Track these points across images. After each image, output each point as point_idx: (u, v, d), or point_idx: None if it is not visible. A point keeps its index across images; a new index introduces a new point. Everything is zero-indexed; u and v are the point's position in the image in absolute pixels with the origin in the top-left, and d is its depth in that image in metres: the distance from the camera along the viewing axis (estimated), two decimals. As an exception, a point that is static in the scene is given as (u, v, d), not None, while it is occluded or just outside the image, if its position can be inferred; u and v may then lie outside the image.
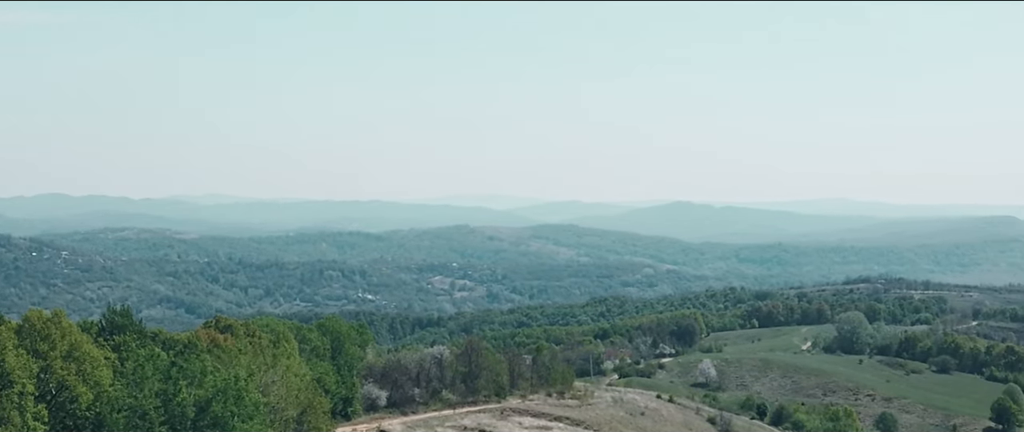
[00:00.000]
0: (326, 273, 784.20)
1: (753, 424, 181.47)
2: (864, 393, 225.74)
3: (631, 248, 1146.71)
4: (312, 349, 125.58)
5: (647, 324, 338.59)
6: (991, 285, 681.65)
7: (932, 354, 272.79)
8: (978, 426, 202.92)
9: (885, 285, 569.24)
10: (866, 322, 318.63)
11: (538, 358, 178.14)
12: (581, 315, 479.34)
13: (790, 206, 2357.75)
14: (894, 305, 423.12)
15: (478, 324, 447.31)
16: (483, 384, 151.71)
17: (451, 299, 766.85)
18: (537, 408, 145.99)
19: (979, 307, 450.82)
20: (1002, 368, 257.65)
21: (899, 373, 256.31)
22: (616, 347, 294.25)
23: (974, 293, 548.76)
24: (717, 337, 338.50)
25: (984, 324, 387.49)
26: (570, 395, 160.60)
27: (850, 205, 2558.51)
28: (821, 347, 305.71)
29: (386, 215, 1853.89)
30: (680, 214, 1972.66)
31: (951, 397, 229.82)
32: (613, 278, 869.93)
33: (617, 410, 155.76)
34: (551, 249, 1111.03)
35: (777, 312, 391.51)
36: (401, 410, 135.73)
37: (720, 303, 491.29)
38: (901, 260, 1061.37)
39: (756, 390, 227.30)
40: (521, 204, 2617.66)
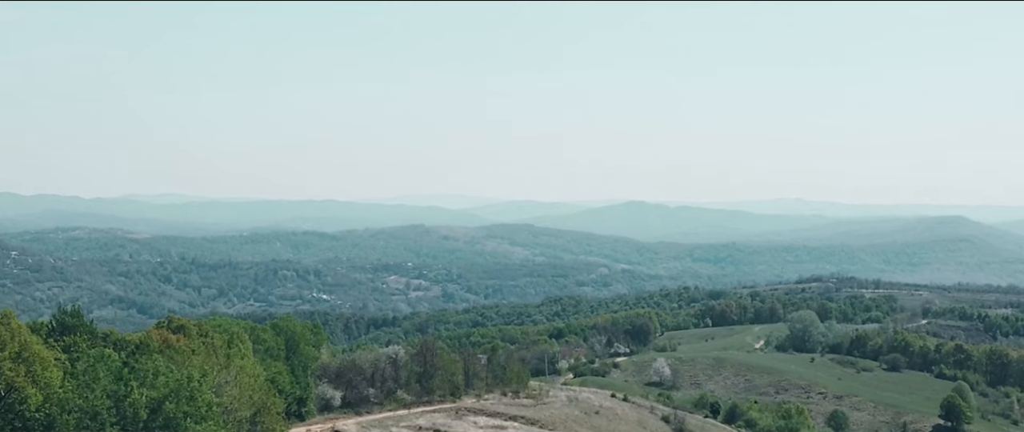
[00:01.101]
0: (280, 273, 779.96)
1: (707, 422, 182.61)
2: (816, 391, 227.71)
3: (586, 248, 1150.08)
4: (266, 349, 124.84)
5: (602, 323, 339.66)
6: (940, 284, 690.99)
7: (883, 352, 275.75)
8: (928, 423, 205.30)
9: (837, 284, 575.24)
10: (818, 321, 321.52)
11: (493, 358, 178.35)
12: (536, 315, 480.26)
13: (744, 206, 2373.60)
14: (845, 304, 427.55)
15: (433, 324, 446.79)
16: (438, 384, 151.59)
17: (406, 299, 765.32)
18: (492, 408, 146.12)
19: (929, 306, 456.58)
20: (951, 366, 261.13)
21: (850, 371, 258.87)
22: (571, 346, 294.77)
23: (924, 292, 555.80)
24: (671, 336, 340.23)
25: (933, 323, 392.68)
26: (525, 394, 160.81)
27: (803, 205, 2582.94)
28: (774, 346, 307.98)
29: (341, 215, 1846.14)
30: (635, 214, 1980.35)
31: (901, 395, 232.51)
32: (568, 278, 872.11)
33: (572, 409, 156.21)
34: (506, 249, 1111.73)
35: (731, 311, 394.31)
36: (356, 410, 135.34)
37: (674, 302, 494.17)
38: (852, 259, 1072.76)
39: (710, 389, 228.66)
40: (476, 204, 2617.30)
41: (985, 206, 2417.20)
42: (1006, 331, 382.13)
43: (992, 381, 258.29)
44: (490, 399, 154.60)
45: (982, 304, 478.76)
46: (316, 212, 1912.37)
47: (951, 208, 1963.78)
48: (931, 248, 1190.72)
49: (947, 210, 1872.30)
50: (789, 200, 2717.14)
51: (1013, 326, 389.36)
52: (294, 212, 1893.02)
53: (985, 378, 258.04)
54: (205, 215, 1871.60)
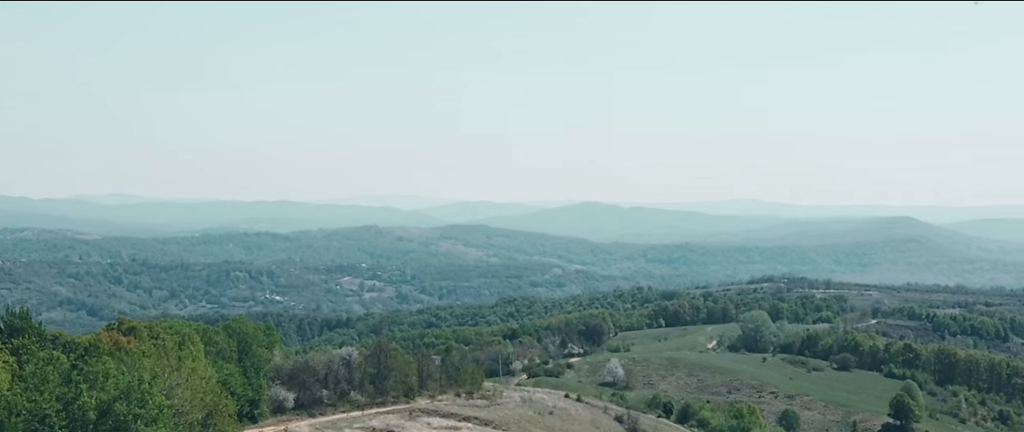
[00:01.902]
0: (233, 274, 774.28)
1: (659, 422, 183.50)
2: (767, 390, 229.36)
3: (540, 248, 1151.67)
4: (218, 351, 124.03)
5: (556, 324, 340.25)
6: (890, 284, 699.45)
7: (833, 352, 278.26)
8: (877, 422, 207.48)
9: (788, 284, 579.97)
10: (769, 321, 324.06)
11: (447, 359, 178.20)
12: (490, 315, 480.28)
13: (697, 207, 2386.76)
14: (797, 304, 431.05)
15: (387, 325, 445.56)
16: (392, 385, 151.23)
17: (360, 300, 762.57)
18: (446, 408, 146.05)
19: (878, 306, 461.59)
20: (900, 365, 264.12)
21: (801, 371, 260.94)
22: (525, 347, 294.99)
23: (873, 292, 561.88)
24: (625, 337, 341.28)
25: (883, 322, 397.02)
26: (479, 395, 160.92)
27: (756, 206, 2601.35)
28: (726, 346, 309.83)
29: (294, 215, 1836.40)
30: (589, 214, 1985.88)
31: (851, 394, 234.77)
32: (522, 278, 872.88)
33: (526, 410, 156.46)
34: (460, 249, 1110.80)
35: (683, 311, 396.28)
36: (309, 412, 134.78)
37: (628, 303, 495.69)
38: (804, 260, 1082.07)
39: (663, 388, 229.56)
40: (430, 204, 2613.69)
41: (933, 207, 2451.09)
42: (954, 330, 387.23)
43: (940, 380, 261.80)
44: (444, 400, 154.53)
45: (930, 304, 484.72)
46: (269, 213, 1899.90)
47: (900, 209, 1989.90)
48: (881, 249, 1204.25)
49: (896, 211, 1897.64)
50: (742, 201, 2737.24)
51: (961, 325, 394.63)
52: (247, 213, 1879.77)
53: (933, 377, 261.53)
54: (156, 216, 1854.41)
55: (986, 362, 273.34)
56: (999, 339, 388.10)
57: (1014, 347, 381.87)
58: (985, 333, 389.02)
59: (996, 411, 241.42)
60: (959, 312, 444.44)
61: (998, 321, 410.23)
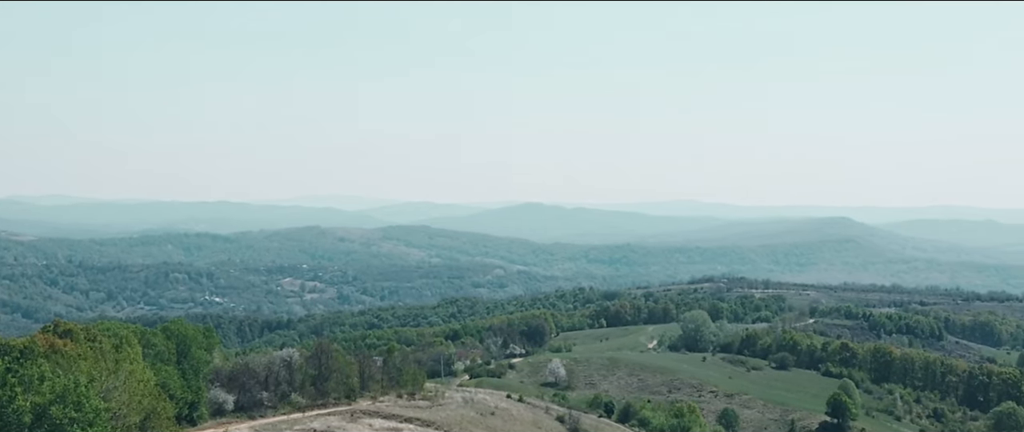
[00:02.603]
0: (172, 275, 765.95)
1: (601, 422, 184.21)
2: (707, 390, 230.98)
3: (482, 249, 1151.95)
4: (156, 353, 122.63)
5: (498, 325, 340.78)
6: (827, 284, 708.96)
7: (772, 351, 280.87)
8: (815, 420, 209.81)
9: (728, 284, 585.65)
10: (710, 321, 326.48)
11: (389, 360, 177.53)
12: (432, 316, 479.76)
13: (639, 207, 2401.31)
14: (736, 304, 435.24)
15: (328, 326, 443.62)
16: (333, 386, 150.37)
17: (301, 301, 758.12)
18: (387, 410, 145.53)
19: (816, 305, 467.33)
20: (837, 364, 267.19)
21: (741, 370, 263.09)
22: (467, 348, 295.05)
23: (811, 292, 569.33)
24: (566, 337, 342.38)
25: (820, 321, 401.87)
26: (421, 396, 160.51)
27: (696, 206, 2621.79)
28: (667, 345, 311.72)
29: (234, 216, 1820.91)
30: (531, 215, 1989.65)
31: (789, 392, 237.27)
32: (464, 279, 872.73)
33: (467, 410, 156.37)
34: (402, 250, 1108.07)
35: (625, 312, 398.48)
36: (249, 414, 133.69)
37: (569, 303, 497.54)
38: (743, 260, 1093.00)
39: (604, 388, 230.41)
40: (372, 205, 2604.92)
41: (869, 207, 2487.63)
42: (889, 329, 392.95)
43: (876, 378, 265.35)
44: (386, 401, 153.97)
45: (867, 303, 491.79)
46: (209, 213, 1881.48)
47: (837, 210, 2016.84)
48: (818, 249, 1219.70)
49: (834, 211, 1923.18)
50: (682, 202, 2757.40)
51: (896, 325, 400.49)
52: (186, 213, 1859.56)
53: (870, 375, 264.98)
54: (94, 217, 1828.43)
55: (921, 360, 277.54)
56: (934, 338, 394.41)
57: (948, 346, 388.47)
58: (920, 332, 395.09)
59: (931, 409, 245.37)
60: (895, 311, 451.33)
61: (933, 320, 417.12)
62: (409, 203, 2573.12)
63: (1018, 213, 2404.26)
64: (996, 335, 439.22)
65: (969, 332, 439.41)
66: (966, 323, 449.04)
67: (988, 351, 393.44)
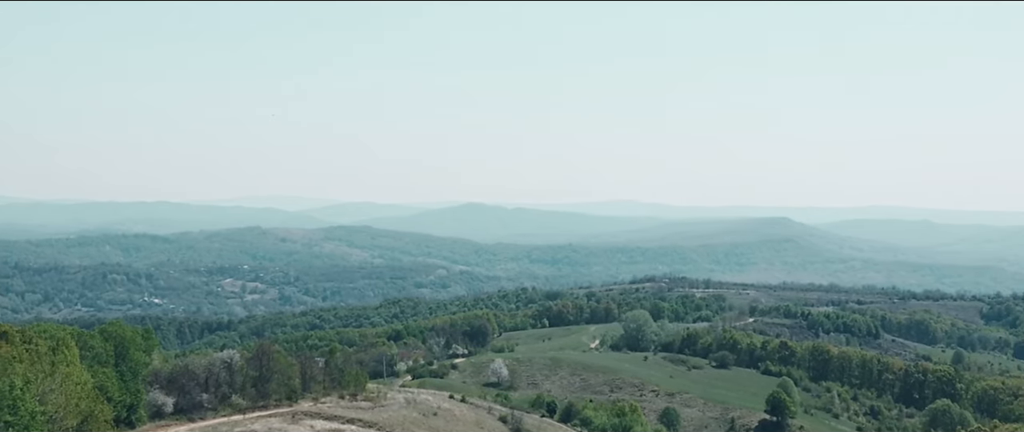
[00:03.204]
0: (110, 277, 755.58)
1: (543, 422, 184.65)
2: (649, 389, 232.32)
3: (425, 249, 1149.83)
4: (94, 356, 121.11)
5: (440, 325, 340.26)
6: (767, 283, 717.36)
7: (712, 350, 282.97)
8: (754, 418, 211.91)
9: (669, 284, 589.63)
10: (651, 320, 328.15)
11: (331, 360, 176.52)
12: (374, 317, 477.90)
13: (580, 207, 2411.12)
14: (677, 303, 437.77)
15: (270, 327, 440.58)
16: (274, 388, 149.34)
17: (242, 302, 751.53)
18: (329, 411, 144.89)
19: (755, 304, 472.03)
20: (776, 362, 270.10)
21: (681, 369, 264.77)
22: (409, 348, 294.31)
23: (751, 291, 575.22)
24: (509, 337, 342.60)
25: (760, 321, 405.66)
26: (363, 397, 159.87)
27: (637, 207, 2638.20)
28: (609, 345, 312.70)
29: (174, 216, 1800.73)
30: (473, 215, 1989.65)
31: (730, 391, 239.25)
32: (407, 279, 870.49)
33: (410, 411, 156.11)
34: (344, 251, 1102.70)
35: (567, 312, 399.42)
36: (189, 416, 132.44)
37: (512, 303, 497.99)
38: (684, 260, 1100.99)
39: (546, 388, 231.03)
40: (314, 205, 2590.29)
41: (808, 208, 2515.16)
42: (827, 328, 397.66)
43: (815, 376, 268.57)
44: (327, 402, 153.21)
45: (805, 302, 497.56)
46: (148, 214, 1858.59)
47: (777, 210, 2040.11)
48: (758, 248, 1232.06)
49: (773, 211, 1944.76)
50: (622, 202, 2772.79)
51: (834, 323, 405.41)
52: (125, 214, 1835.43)
53: (808, 374, 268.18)
54: (29, 217, 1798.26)
55: (858, 359, 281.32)
56: (870, 336, 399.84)
57: (884, 344, 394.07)
58: (857, 330, 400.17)
59: (868, 406, 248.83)
60: (832, 310, 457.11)
61: (869, 319, 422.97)
62: (351, 203, 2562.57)
63: (953, 214, 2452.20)
64: (931, 333, 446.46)
65: (905, 330, 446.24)
66: (902, 322, 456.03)
67: (923, 349, 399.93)
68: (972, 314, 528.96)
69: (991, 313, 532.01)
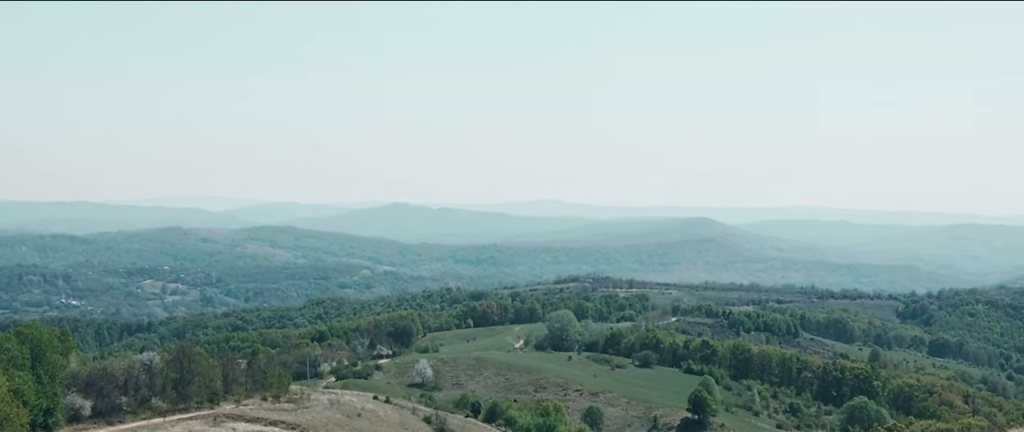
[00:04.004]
0: (25, 278, 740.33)
1: (468, 422, 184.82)
2: (573, 388, 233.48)
3: (349, 250, 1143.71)
4: (9, 359, 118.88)
5: (365, 326, 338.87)
6: (689, 283, 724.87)
7: (636, 349, 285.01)
8: (677, 417, 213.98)
9: (593, 284, 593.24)
10: (575, 320, 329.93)
11: (253, 362, 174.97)
12: (298, 318, 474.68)
13: (505, 208, 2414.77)
14: (601, 303, 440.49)
15: (191, 329, 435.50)
16: (196, 390, 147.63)
17: (162, 304, 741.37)
18: (252, 413, 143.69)
19: (678, 304, 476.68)
20: (698, 361, 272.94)
21: (605, 368, 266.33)
22: (333, 349, 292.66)
23: (674, 291, 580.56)
24: (434, 337, 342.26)
25: (682, 320, 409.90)
26: (286, 399, 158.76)
27: (563, 207, 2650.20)
28: (533, 345, 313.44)
29: (93, 217, 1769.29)
30: (398, 216, 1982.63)
31: (652, 390, 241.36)
32: (331, 280, 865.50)
33: (334, 412, 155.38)
34: (268, 251, 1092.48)
35: (492, 312, 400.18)
36: (107, 420, 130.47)
37: (437, 304, 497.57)
38: (608, 260, 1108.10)
39: (471, 388, 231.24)
40: (237, 206, 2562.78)
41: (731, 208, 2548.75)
42: (748, 327, 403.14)
43: (736, 375, 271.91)
44: (250, 405, 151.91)
45: (727, 302, 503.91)
46: (66, 214, 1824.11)
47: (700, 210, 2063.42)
48: (681, 249, 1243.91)
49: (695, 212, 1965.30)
50: (547, 202, 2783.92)
51: (754, 322, 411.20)
52: (42, 214, 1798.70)
53: (729, 372, 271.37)
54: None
55: (778, 357, 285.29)
56: (790, 335, 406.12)
57: (804, 342, 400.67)
58: (777, 329, 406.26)
59: (787, 404, 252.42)
60: (753, 309, 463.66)
61: (789, 318, 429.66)
62: (275, 204, 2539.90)
63: (870, 214, 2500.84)
64: (849, 332, 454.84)
65: (823, 329, 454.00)
66: (820, 320, 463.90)
67: (841, 347, 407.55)
68: (888, 313, 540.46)
69: (907, 312, 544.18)
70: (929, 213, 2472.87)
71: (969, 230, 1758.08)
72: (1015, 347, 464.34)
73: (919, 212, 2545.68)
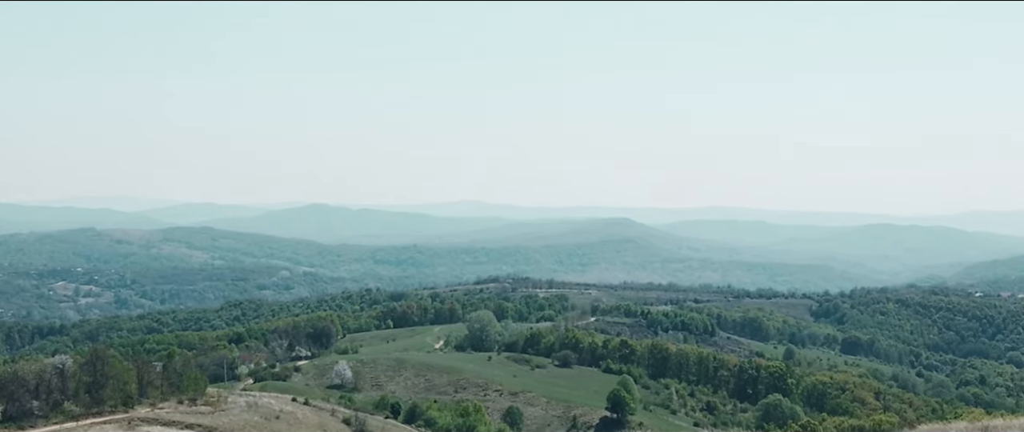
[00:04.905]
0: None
1: (387, 423, 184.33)
2: (493, 388, 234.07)
3: (268, 251, 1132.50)
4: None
5: (283, 327, 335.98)
6: (608, 283, 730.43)
7: (555, 349, 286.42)
8: (596, 416, 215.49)
9: (513, 284, 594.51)
10: (495, 320, 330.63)
11: (169, 365, 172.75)
12: (215, 320, 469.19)
13: (426, 209, 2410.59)
14: (521, 304, 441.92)
15: (105, 331, 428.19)
16: (110, 394, 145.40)
17: (75, 306, 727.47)
18: (167, 416, 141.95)
19: (597, 304, 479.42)
20: (617, 361, 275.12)
21: (525, 368, 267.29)
22: (252, 351, 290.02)
23: (593, 291, 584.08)
24: (353, 338, 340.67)
25: (601, 320, 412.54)
26: (203, 402, 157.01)
27: (482, 208, 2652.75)
28: (453, 345, 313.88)
29: (3, 217, 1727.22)
30: (318, 216, 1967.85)
31: (572, 389, 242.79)
32: (249, 281, 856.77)
33: (251, 415, 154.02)
34: (184, 252, 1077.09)
35: (412, 312, 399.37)
36: (18, 425, 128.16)
37: (356, 305, 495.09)
38: (528, 260, 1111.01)
39: (391, 389, 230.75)
40: (153, 206, 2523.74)
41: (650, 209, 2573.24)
42: (666, 326, 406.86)
43: (654, 374, 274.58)
44: (166, 408, 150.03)
45: (645, 302, 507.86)
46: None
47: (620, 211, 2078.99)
48: (600, 249, 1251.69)
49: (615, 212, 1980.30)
50: (469, 203, 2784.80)
51: (672, 322, 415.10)
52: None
53: (648, 371, 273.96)
54: None
55: (695, 356, 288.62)
56: (707, 334, 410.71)
57: (720, 341, 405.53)
58: (694, 328, 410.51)
59: (704, 402, 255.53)
60: (671, 309, 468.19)
61: (706, 317, 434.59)
62: (191, 204, 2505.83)
63: (785, 214, 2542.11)
64: (764, 330, 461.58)
65: (739, 328, 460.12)
66: (737, 319, 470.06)
67: (757, 346, 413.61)
68: (802, 312, 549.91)
69: (820, 311, 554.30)
70: (843, 214, 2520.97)
71: (882, 230, 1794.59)
72: (925, 344, 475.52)
73: (834, 213, 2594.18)
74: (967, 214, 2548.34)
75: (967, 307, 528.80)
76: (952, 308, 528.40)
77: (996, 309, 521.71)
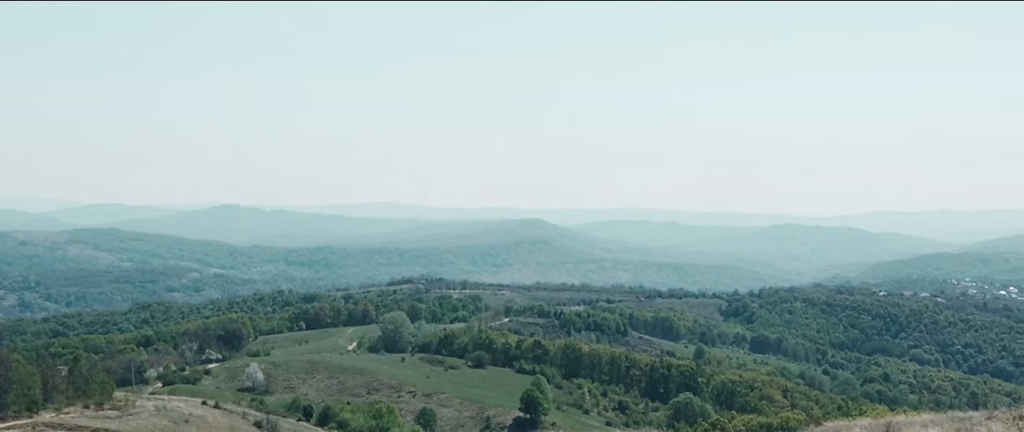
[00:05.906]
0: None
1: (300, 425, 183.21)
2: (406, 390, 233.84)
3: (177, 252, 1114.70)
4: None
5: (193, 330, 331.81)
6: (521, 283, 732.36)
7: (469, 350, 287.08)
8: (509, 416, 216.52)
9: (426, 285, 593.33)
10: (408, 322, 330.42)
11: (75, 369, 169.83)
12: (123, 322, 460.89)
13: (339, 209, 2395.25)
14: (434, 304, 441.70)
15: (8, 335, 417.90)
16: (13, 399, 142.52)
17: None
18: (73, 421, 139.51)
19: (511, 304, 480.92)
20: (530, 361, 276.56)
21: (438, 369, 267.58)
22: (160, 354, 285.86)
23: (506, 291, 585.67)
24: (265, 341, 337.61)
25: (515, 320, 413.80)
26: (110, 406, 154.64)
27: (397, 209, 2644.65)
28: (366, 347, 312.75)
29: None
30: (228, 217, 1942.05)
31: (485, 390, 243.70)
32: (158, 283, 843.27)
33: (160, 419, 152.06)
34: (91, 254, 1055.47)
35: (324, 314, 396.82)
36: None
37: (268, 306, 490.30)
38: (441, 261, 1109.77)
39: (303, 392, 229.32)
40: (58, 207, 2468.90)
41: (563, 209, 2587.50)
42: (579, 327, 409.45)
43: (567, 374, 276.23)
44: (71, 413, 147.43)
45: (558, 302, 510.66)
46: None
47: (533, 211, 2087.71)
48: (513, 250, 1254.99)
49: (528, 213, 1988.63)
50: (382, 203, 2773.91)
51: (585, 322, 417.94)
52: None
53: (561, 371, 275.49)
54: None
55: (608, 356, 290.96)
56: (619, 333, 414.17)
57: (632, 341, 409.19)
58: (607, 328, 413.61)
59: (616, 401, 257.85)
60: (584, 309, 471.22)
61: (618, 317, 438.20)
62: (98, 205, 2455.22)
63: (697, 215, 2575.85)
64: (675, 330, 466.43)
65: (651, 327, 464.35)
66: (648, 319, 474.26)
67: (668, 345, 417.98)
68: (712, 311, 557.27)
69: (730, 310, 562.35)
70: (752, 215, 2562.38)
71: (788, 231, 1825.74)
72: (830, 343, 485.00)
73: (743, 214, 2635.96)
74: (872, 215, 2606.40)
75: (871, 306, 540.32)
76: (857, 307, 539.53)
77: (899, 307, 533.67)
